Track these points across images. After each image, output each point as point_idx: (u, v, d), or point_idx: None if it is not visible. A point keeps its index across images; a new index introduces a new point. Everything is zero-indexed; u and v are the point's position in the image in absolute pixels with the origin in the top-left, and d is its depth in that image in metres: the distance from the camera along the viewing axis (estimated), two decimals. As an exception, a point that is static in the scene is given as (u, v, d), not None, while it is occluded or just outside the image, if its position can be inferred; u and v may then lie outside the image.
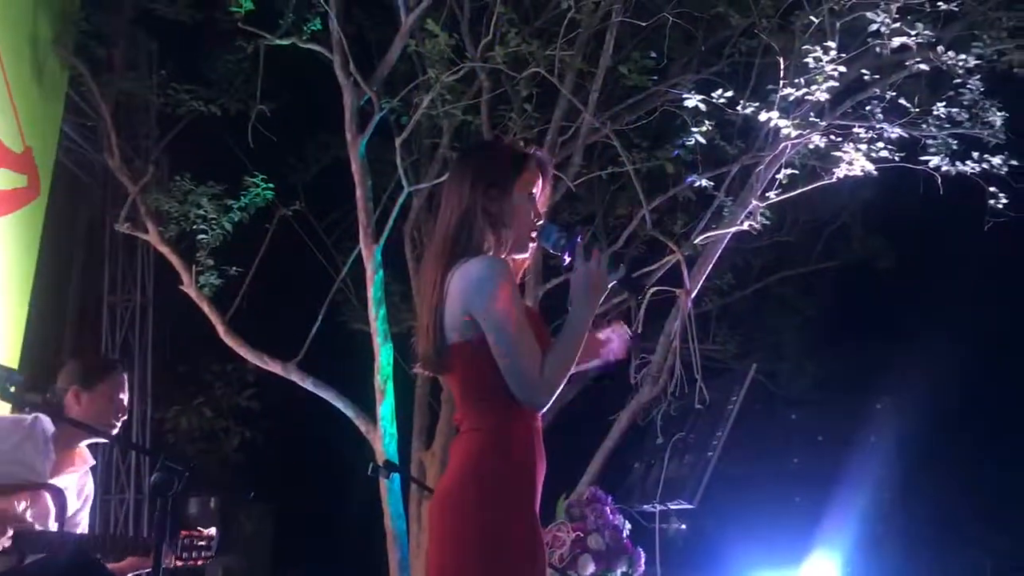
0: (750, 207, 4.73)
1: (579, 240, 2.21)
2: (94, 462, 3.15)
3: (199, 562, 3.13)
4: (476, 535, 2.07)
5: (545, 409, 2.20)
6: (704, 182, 4.85)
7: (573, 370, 2.18)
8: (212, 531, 3.14)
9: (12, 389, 2.27)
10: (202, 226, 5.36)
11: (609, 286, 2.21)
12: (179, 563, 3.10)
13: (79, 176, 6.28)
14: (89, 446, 3.14)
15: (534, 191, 2.27)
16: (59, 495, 2.97)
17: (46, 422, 2.94)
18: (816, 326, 7.53)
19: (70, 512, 3.04)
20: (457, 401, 2.23)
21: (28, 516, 2.88)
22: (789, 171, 4.63)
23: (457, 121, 5.44)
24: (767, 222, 4.98)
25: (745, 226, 4.77)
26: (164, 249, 5.49)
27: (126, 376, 3.20)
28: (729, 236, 4.96)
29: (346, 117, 5.14)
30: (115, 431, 3.08)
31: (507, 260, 2.21)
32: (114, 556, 3.13)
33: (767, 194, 4.73)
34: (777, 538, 5.52)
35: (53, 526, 2.95)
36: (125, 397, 3.14)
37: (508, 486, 2.12)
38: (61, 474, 3.01)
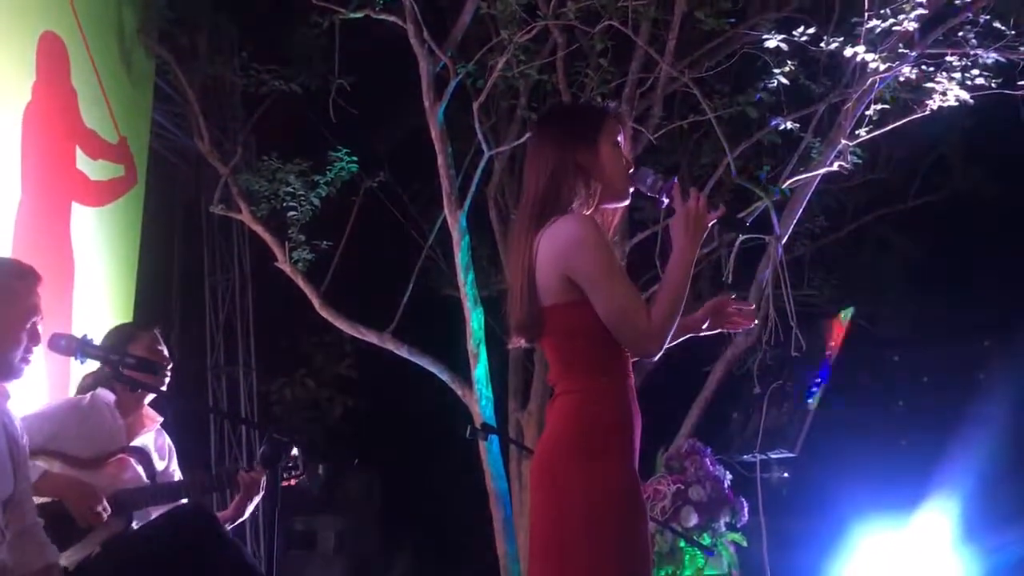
0: (839, 147, 4.59)
1: (676, 181, 2.22)
2: (161, 419, 3.28)
3: (292, 481, 3.26)
4: (577, 496, 2.10)
5: (656, 357, 2.20)
6: (789, 124, 4.72)
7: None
8: (294, 451, 3.26)
9: (125, 372, 2.38)
10: (291, 203, 5.49)
11: (710, 224, 2.19)
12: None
13: (173, 162, 6.48)
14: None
15: (619, 139, 2.28)
16: (143, 455, 3.13)
17: (106, 394, 3.09)
18: (917, 264, 7.29)
19: (159, 468, 3.20)
20: (551, 363, 2.26)
21: (118, 482, 3.03)
22: (879, 106, 4.47)
23: (533, 81, 5.41)
24: (859, 161, 4.83)
25: (835, 167, 4.63)
26: (257, 228, 5.65)
27: (158, 332, 3.28)
28: (819, 178, 4.82)
29: (423, 85, 5.17)
30: (164, 384, 3.17)
31: (594, 216, 2.23)
32: (212, 493, 3.25)
33: (857, 132, 4.58)
34: (884, 484, 5.40)
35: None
36: (163, 349, 3.23)
37: (606, 446, 2.13)
38: (137, 436, 3.17)
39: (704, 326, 2.47)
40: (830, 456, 5.65)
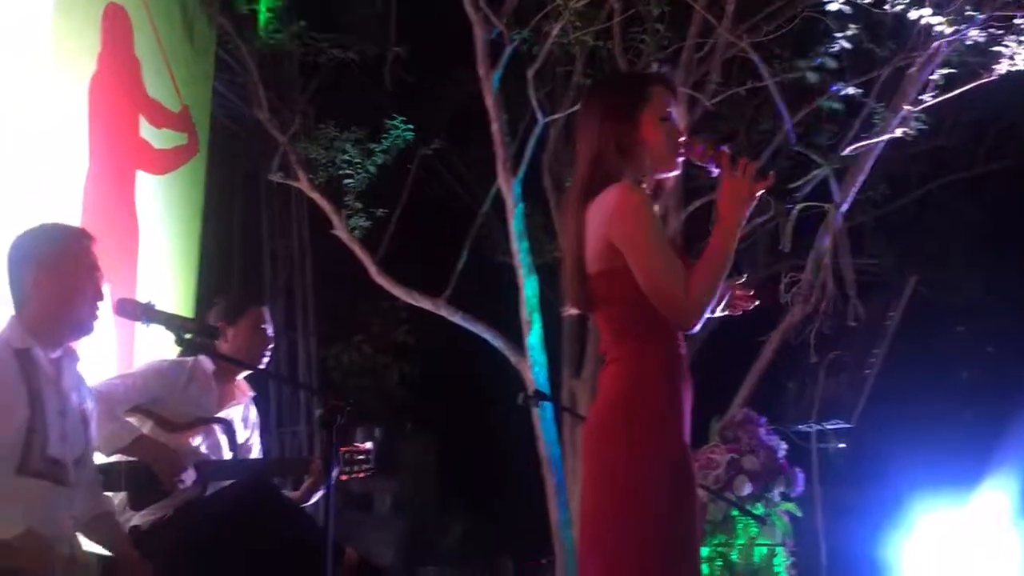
0: (903, 113, 4.48)
1: (725, 150, 2.20)
2: (254, 393, 3.37)
3: (361, 475, 3.35)
4: (627, 465, 2.12)
5: (696, 330, 2.20)
6: (851, 90, 4.62)
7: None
8: (368, 445, 3.34)
9: (187, 336, 2.46)
10: (348, 171, 5.55)
11: (757, 195, 2.18)
12: (344, 477, 3.32)
13: (233, 131, 6.58)
14: (257, 382, 3.37)
15: (669, 109, 2.26)
16: (228, 427, 3.21)
17: (206, 362, 3.17)
18: (983, 232, 7.10)
19: (240, 440, 3.29)
20: (602, 331, 2.27)
21: (204, 449, 3.14)
22: (945, 71, 4.34)
23: (589, 47, 5.36)
24: (923, 127, 4.70)
25: (898, 133, 4.52)
26: (314, 195, 5.72)
27: (266, 309, 3.36)
28: (881, 145, 4.72)
29: (478, 52, 5.16)
30: (263, 362, 3.27)
31: (642, 187, 2.23)
32: (284, 477, 3.38)
33: (921, 98, 4.46)
34: (945, 458, 5.30)
35: (227, 455, 3.21)
36: (268, 328, 3.31)
37: (656, 414, 2.14)
38: (226, 407, 3.24)
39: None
40: (889, 428, 5.56)
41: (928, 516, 4.87)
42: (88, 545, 2.58)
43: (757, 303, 2.41)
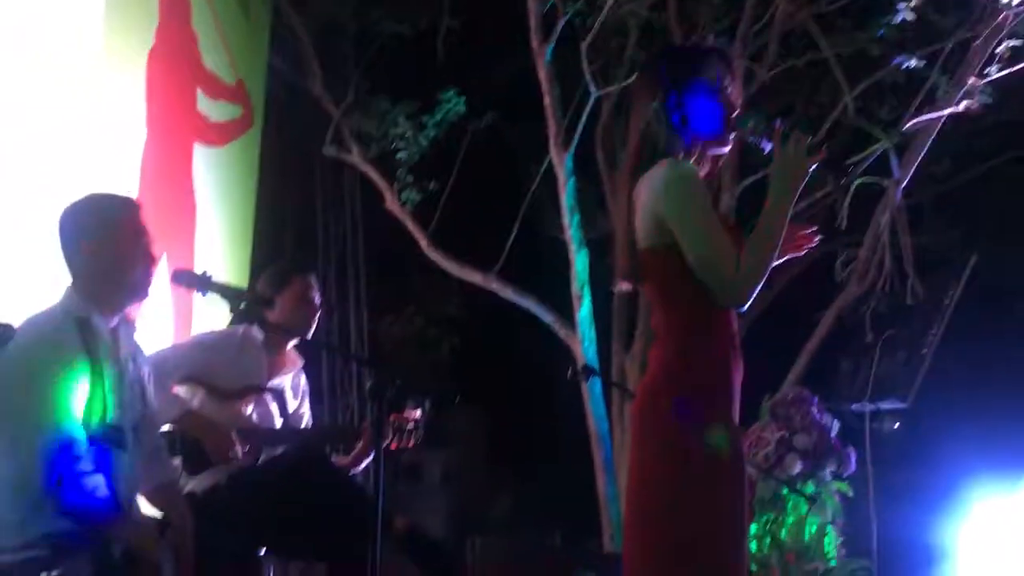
0: (967, 86, 4.35)
1: (777, 125, 2.17)
2: (303, 362, 3.40)
3: (411, 443, 3.37)
4: (674, 442, 2.10)
5: (745, 308, 2.18)
6: (914, 62, 4.49)
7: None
8: (417, 413, 3.36)
9: (242, 307, 2.49)
10: (400, 144, 5.57)
11: (810, 171, 2.14)
12: (394, 445, 3.36)
13: (288, 104, 6.63)
14: (309, 353, 3.41)
15: (725, 84, 2.24)
16: (279, 395, 3.26)
17: (255, 332, 3.20)
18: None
19: (291, 409, 3.34)
20: (653, 307, 2.26)
21: (255, 417, 3.19)
22: (1012, 43, 4.20)
23: (643, 19, 5.29)
24: (989, 100, 4.56)
25: (961, 107, 4.39)
26: (367, 169, 5.75)
27: (312, 277, 3.37)
28: (943, 120, 4.59)
29: (531, 24, 5.12)
30: (311, 330, 3.30)
31: (694, 164, 2.20)
32: (335, 445, 3.43)
33: (986, 70, 4.32)
34: (1003, 442, 5.18)
35: (278, 423, 3.26)
36: (316, 296, 3.32)
37: (705, 391, 2.13)
38: (276, 376, 3.29)
39: None
40: (946, 409, 5.45)
41: (984, 501, 4.77)
42: (148, 509, 2.65)
43: (819, 239, 2.36)
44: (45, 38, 3.47)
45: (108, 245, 2.42)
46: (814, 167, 2.14)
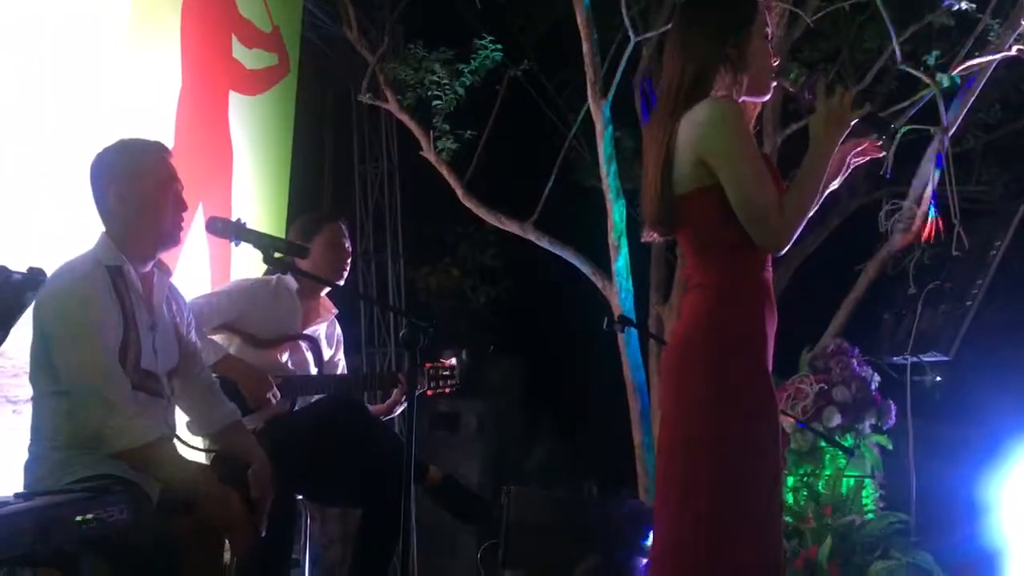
0: (1020, 29, 4.18)
1: (820, 76, 2.15)
2: (337, 311, 3.42)
3: (447, 390, 3.41)
4: (706, 391, 2.09)
5: (782, 252, 2.16)
6: (964, 4, 4.33)
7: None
8: (453, 361, 3.39)
9: (276, 256, 2.49)
10: (436, 92, 5.51)
11: (852, 123, 2.12)
12: (430, 392, 3.39)
13: (324, 51, 6.59)
14: (346, 302, 3.42)
15: (767, 30, 2.22)
16: (313, 343, 3.28)
17: (289, 280, 3.22)
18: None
19: (326, 357, 3.36)
20: (686, 255, 2.24)
21: (290, 365, 3.21)
22: (1071, -18, 4.03)
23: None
24: (1043, 44, 4.39)
25: (1013, 51, 4.24)
26: (403, 116, 5.71)
27: (342, 224, 3.37)
28: (995, 64, 4.43)
29: (569, -31, 5.01)
30: (343, 277, 3.30)
31: (739, 102, 2.16)
32: (372, 392, 3.46)
33: (1042, 12, 4.16)
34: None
35: (313, 371, 3.28)
36: (347, 243, 3.33)
37: (738, 341, 2.11)
38: (311, 324, 3.31)
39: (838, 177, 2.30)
40: (990, 362, 5.34)
41: (1027, 455, 4.70)
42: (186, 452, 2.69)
43: (883, 154, 2.30)
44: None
45: (137, 191, 2.42)
46: (856, 122, 2.12)
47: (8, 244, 3.11)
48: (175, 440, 2.52)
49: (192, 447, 2.73)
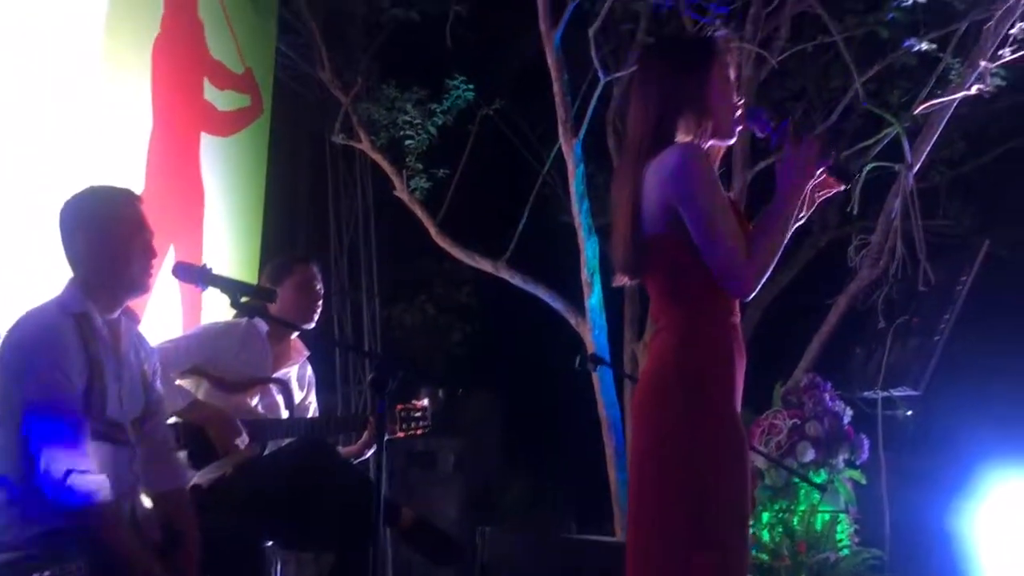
0: (979, 69, 4.27)
1: (788, 123, 2.16)
2: (308, 352, 3.40)
3: (419, 431, 3.39)
4: (674, 433, 2.10)
5: (749, 298, 2.17)
6: (925, 45, 4.42)
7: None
8: (424, 402, 3.37)
9: (244, 300, 2.48)
10: (409, 132, 5.54)
11: (818, 172, 2.15)
12: (401, 434, 3.36)
13: (298, 92, 6.62)
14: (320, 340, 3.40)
15: (729, 73, 2.22)
16: (284, 386, 3.26)
17: (259, 323, 3.20)
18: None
19: (297, 400, 3.34)
20: (653, 298, 2.25)
21: (260, 409, 3.19)
22: (1025, 24, 4.12)
23: (652, 4, 5.23)
24: (1002, 83, 4.49)
25: (973, 91, 4.32)
26: (376, 156, 5.73)
27: (314, 266, 3.36)
28: (957, 103, 4.52)
29: (539, 9, 5.07)
30: (313, 320, 3.28)
31: (704, 147, 2.18)
32: (344, 434, 3.43)
33: (1000, 53, 4.24)
34: (1018, 425, 5.13)
35: (284, 414, 3.26)
36: (318, 286, 3.32)
37: (705, 383, 2.11)
38: (282, 367, 3.29)
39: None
40: (960, 393, 5.39)
41: (1000, 486, 4.72)
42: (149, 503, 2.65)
43: (845, 188, 2.31)
44: (47, 27, 3.47)
45: (106, 238, 2.41)
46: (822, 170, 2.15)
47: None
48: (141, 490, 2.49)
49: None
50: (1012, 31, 4.17)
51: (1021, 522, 4.61)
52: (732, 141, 2.27)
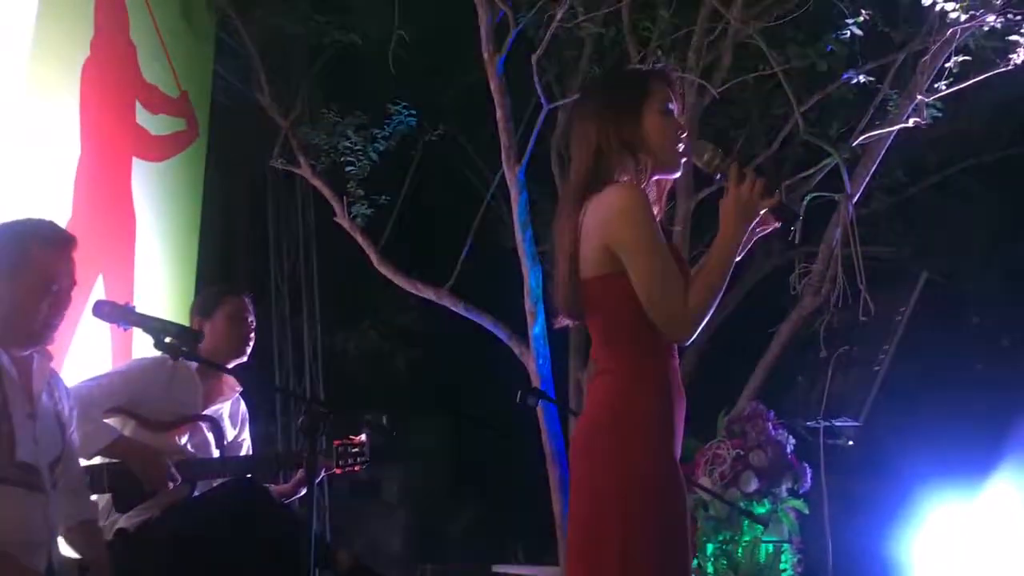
0: (915, 101, 4.33)
1: (733, 162, 2.11)
2: (241, 388, 3.29)
3: (356, 468, 3.30)
4: (612, 479, 2.05)
5: (688, 343, 2.12)
6: (863, 78, 4.47)
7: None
8: (362, 437, 3.28)
9: (167, 340, 2.37)
10: (350, 157, 5.46)
11: (760, 212, 2.09)
12: (339, 471, 3.27)
13: (237, 115, 6.49)
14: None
15: (670, 106, 2.17)
16: (215, 424, 3.15)
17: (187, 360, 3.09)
18: (1003, 219, 6.93)
19: (229, 438, 3.23)
20: (593, 339, 2.19)
21: (190, 448, 3.07)
22: (961, 58, 4.18)
23: (596, 33, 5.22)
24: (938, 115, 4.55)
25: (910, 123, 4.38)
26: (316, 182, 5.64)
27: (245, 298, 3.26)
28: (893, 134, 4.57)
29: (482, 35, 5.04)
30: (245, 353, 3.18)
31: (643, 188, 2.13)
32: (276, 473, 3.32)
33: (936, 85, 4.31)
34: (957, 451, 5.19)
35: (215, 453, 3.14)
36: (250, 318, 3.22)
37: (644, 430, 2.07)
38: (213, 404, 3.18)
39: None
40: (900, 421, 5.45)
41: (939, 510, 4.77)
42: (67, 550, 2.53)
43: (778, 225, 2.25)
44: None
45: (12, 287, 2.29)
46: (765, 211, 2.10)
47: None
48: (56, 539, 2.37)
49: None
50: (948, 64, 4.23)
51: (956, 545, 4.66)
52: (678, 175, 2.22)
